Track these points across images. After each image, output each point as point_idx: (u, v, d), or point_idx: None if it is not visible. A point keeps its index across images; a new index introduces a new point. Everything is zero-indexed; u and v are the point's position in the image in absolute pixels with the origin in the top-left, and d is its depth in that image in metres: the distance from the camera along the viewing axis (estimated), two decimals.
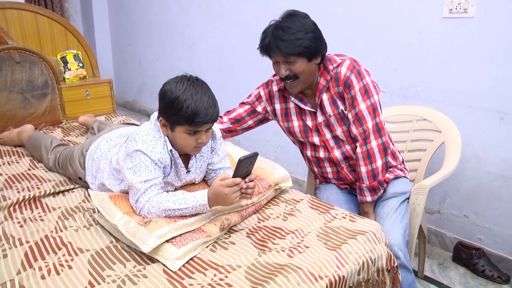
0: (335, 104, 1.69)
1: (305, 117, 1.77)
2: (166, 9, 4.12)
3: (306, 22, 1.58)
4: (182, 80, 1.41)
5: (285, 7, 3.01)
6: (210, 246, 1.39)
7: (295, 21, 1.57)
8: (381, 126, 1.68)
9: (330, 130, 1.74)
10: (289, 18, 1.59)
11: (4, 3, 3.17)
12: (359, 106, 1.64)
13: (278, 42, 1.55)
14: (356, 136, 1.68)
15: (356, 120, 1.66)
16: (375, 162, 1.68)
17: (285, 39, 1.54)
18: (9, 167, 2.09)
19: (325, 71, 1.67)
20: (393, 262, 1.48)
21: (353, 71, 1.63)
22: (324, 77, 1.67)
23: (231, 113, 1.92)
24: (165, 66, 4.37)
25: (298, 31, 1.55)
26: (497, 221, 2.18)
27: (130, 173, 1.45)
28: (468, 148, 2.17)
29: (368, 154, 1.67)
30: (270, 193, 1.68)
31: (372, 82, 1.66)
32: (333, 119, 1.71)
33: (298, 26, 1.56)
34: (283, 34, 1.55)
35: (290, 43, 1.54)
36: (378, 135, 1.67)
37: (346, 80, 1.63)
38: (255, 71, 3.27)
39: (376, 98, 1.66)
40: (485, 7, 1.99)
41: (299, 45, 1.54)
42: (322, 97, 1.70)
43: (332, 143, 1.76)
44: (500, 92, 2.03)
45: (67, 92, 3.11)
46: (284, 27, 1.56)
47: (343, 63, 1.66)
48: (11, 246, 1.38)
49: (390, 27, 2.36)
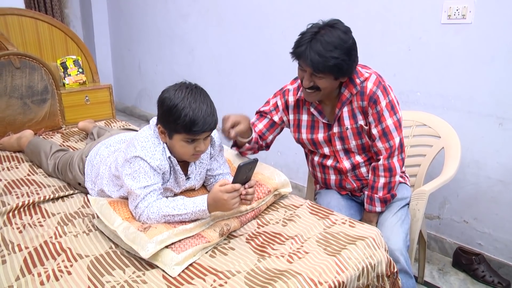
0: (354, 117, 1.67)
1: (317, 130, 1.75)
2: (165, 15, 4.13)
3: (346, 39, 1.51)
4: (181, 87, 1.41)
5: (284, 13, 3.03)
6: (210, 251, 1.39)
7: (335, 36, 1.49)
8: (403, 142, 1.69)
9: (343, 143, 1.72)
10: (330, 30, 1.51)
11: (5, 9, 3.19)
12: (386, 121, 1.62)
13: (313, 55, 1.49)
14: (379, 151, 1.67)
15: (382, 136, 1.64)
16: (394, 176, 1.68)
17: (321, 54, 1.48)
18: (8, 172, 2.08)
19: (351, 83, 1.63)
20: (393, 267, 1.48)
21: (379, 87, 1.61)
22: (349, 90, 1.64)
23: (253, 127, 1.83)
24: (165, 72, 4.38)
25: (335, 48, 1.48)
26: (497, 226, 2.18)
27: (129, 179, 1.45)
28: (467, 153, 2.18)
29: (390, 168, 1.67)
30: (270, 199, 1.68)
31: (395, 97, 1.66)
32: (349, 132, 1.69)
33: (336, 42, 1.49)
34: (320, 48, 1.48)
35: (324, 60, 1.48)
36: (400, 150, 1.68)
37: (372, 95, 1.60)
38: (254, 77, 3.28)
39: (400, 114, 1.66)
40: (483, 13, 2.00)
41: (332, 64, 1.49)
42: (342, 110, 1.67)
43: (342, 154, 1.75)
44: (499, 98, 2.03)
45: (67, 98, 3.12)
46: (322, 40, 1.49)
47: (369, 78, 1.62)
48: (10, 252, 1.37)
49: (389, 33, 2.37)
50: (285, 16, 2.90)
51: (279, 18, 2.95)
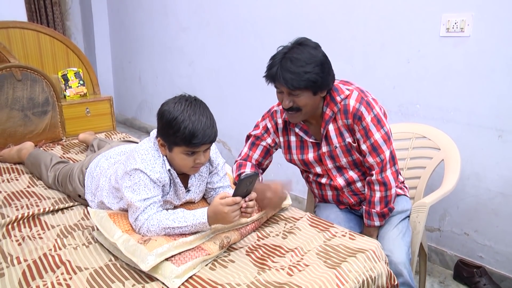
0: (342, 135, 1.66)
1: (307, 150, 1.74)
2: (166, 27, 4.17)
3: (316, 53, 1.52)
4: (181, 100, 1.42)
5: (283, 26, 3.06)
6: (210, 264, 1.38)
7: (305, 52, 1.51)
8: (394, 154, 1.68)
9: (334, 161, 1.71)
10: (299, 48, 1.53)
11: (7, 22, 3.22)
12: (373, 136, 1.61)
13: (285, 74, 1.50)
14: (372, 166, 1.66)
15: (372, 151, 1.63)
16: (390, 189, 1.67)
17: (293, 71, 1.49)
18: (8, 184, 2.08)
19: (331, 101, 1.62)
20: (393, 280, 1.47)
21: (362, 103, 1.59)
22: (330, 108, 1.63)
23: (248, 161, 1.82)
24: (165, 84, 4.40)
25: (306, 64, 1.49)
26: (498, 238, 2.17)
27: (129, 191, 1.45)
28: (467, 166, 2.18)
29: (384, 182, 1.65)
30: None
31: (381, 109, 1.65)
32: (338, 150, 1.68)
33: (307, 58, 1.50)
34: (291, 65, 1.49)
35: (297, 76, 1.49)
36: (392, 163, 1.67)
37: (356, 112, 1.59)
38: (254, 89, 3.29)
39: (388, 127, 1.65)
40: (481, 26, 2.02)
41: (306, 79, 1.49)
42: (328, 128, 1.66)
43: (335, 172, 1.74)
44: (498, 110, 2.04)
45: (68, 110, 3.13)
46: (292, 58, 1.50)
47: (351, 95, 1.60)
48: (8, 265, 1.37)
49: (388, 46, 2.39)
50: (285, 29, 2.92)
51: (279, 31, 2.98)
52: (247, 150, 1.84)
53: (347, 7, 2.53)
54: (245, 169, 1.77)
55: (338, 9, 2.57)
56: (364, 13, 2.45)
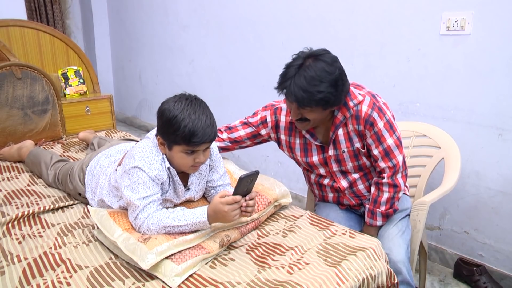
0: (351, 140, 1.65)
1: (311, 152, 1.73)
2: (166, 26, 4.16)
3: (332, 70, 1.46)
4: (181, 99, 1.42)
5: (284, 25, 3.06)
6: (210, 262, 1.38)
7: (319, 69, 1.45)
8: (405, 159, 1.69)
9: (340, 165, 1.71)
10: (314, 63, 1.46)
11: (7, 21, 3.22)
12: (386, 141, 1.60)
13: (297, 91, 1.45)
14: (383, 170, 1.65)
15: (385, 156, 1.62)
16: (398, 192, 1.68)
17: (305, 89, 1.44)
18: (8, 183, 2.08)
19: (344, 106, 1.59)
20: (393, 278, 1.47)
21: (375, 109, 1.57)
22: (342, 112, 1.60)
23: (232, 132, 1.85)
24: (165, 82, 4.40)
25: (321, 82, 1.44)
26: (498, 237, 2.17)
27: (128, 190, 1.45)
28: (467, 164, 2.18)
29: (395, 184, 1.66)
30: (270, 210, 1.67)
31: (392, 115, 1.64)
32: (346, 155, 1.67)
33: (321, 76, 1.44)
34: (304, 83, 1.44)
35: (309, 95, 1.44)
36: (404, 168, 1.68)
37: (368, 118, 1.57)
38: (255, 87, 3.29)
39: (399, 131, 1.65)
40: (481, 25, 2.01)
41: (318, 99, 1.45)
42: (337, 132, 1.64)
43: (339, 174, 1.74)
44: (498, 108, 2.04)
45: (68, 108, 3.14)
46: (307, 76, 1.44)
47: (363, 101, 1.58)
48: (9, 263, 1.37)
49: (388, 44, 2.39)
50: (285, 28, 2.92)
51: (279, 30, 2.98)
52: (237, 124, 1.85)
53: (347, 6, 2.53)
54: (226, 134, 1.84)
55: (338, 8, 2.57)
56: (364, 12, 2.45)
